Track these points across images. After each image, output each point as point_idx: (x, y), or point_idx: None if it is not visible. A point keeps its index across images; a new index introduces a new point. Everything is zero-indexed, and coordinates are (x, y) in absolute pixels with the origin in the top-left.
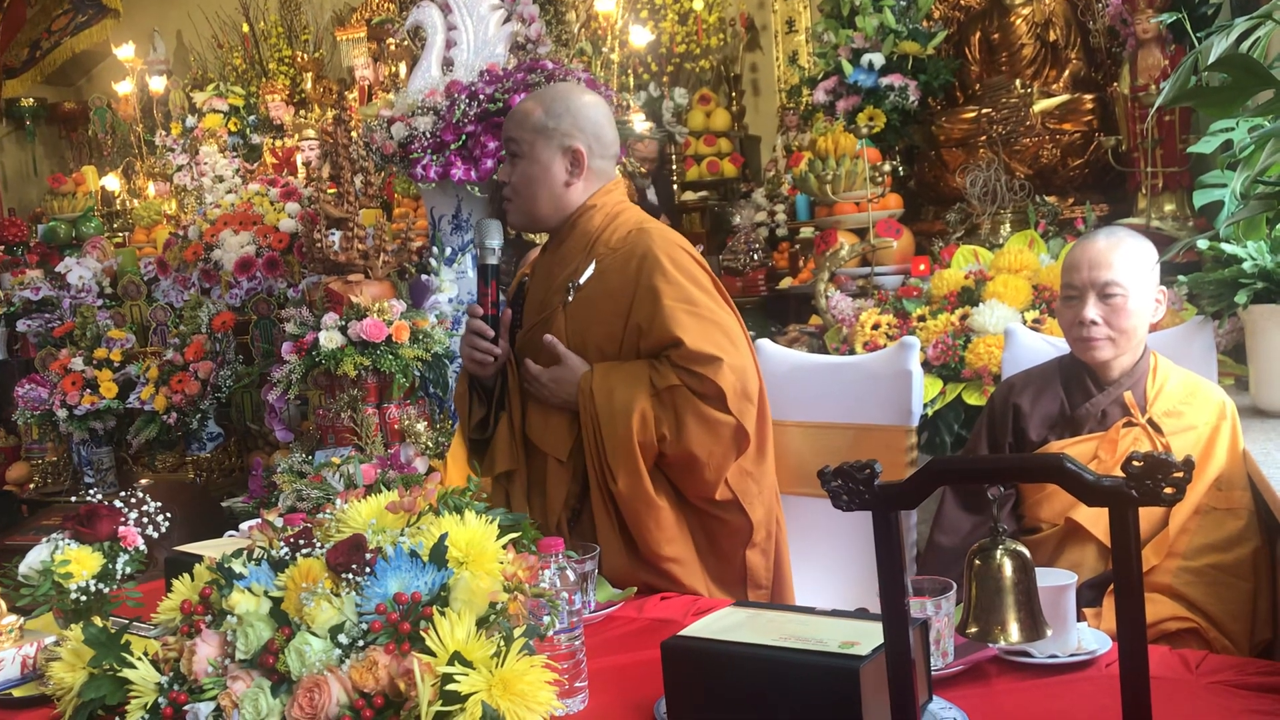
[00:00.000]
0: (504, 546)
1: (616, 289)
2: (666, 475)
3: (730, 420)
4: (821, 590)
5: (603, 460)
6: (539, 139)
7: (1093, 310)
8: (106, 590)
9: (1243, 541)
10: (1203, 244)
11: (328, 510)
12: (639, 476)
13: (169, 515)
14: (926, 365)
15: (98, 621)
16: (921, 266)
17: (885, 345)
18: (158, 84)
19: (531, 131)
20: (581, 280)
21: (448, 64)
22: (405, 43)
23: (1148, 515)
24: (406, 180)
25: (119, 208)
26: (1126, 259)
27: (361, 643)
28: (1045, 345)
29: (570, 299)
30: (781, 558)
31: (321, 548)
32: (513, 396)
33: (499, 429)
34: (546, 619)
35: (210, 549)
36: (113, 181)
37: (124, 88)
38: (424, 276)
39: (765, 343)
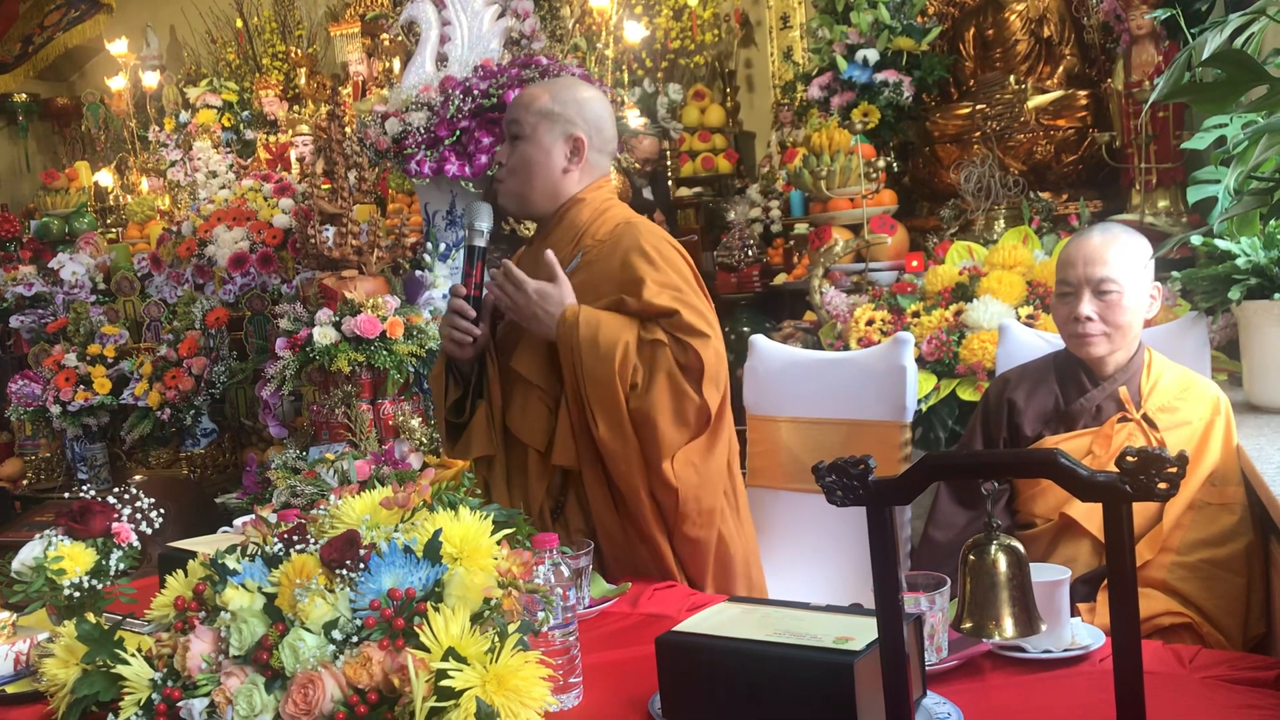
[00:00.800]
0: (498, 542)
1: (601, 279)
2: None
3: (695, 398)
4: (816, 586)
5: (581, 393)
6: (543, 122)
7: (1088, 306)
8: (100, 586)
9: (1236, 537)
10: (1196, 240)
11: (322, 506)
12: (619, 410)
13: (162, 511)
14: (920, 361)
15: (91, 618)
16: (915, 263)
17: (879, 341)
18: (151, 79)
19: (537, 114)
20: (568, 271)
21: (442, 59)
22: (399, 38)
23: (1142, 510)
24: (401, 176)
25: (112, 203)
26: (1121, 255)
27: (356, 639)
28: (1039, 341)
29: None
30: (730, 560)
31: (315, 544)
32: (493, 385)
33: (477, 414)
34: (541, 615)
35: (204, 545)
36: (106, 177)
37: (117, 83)
38: (418, 272)
39: (759, 338)
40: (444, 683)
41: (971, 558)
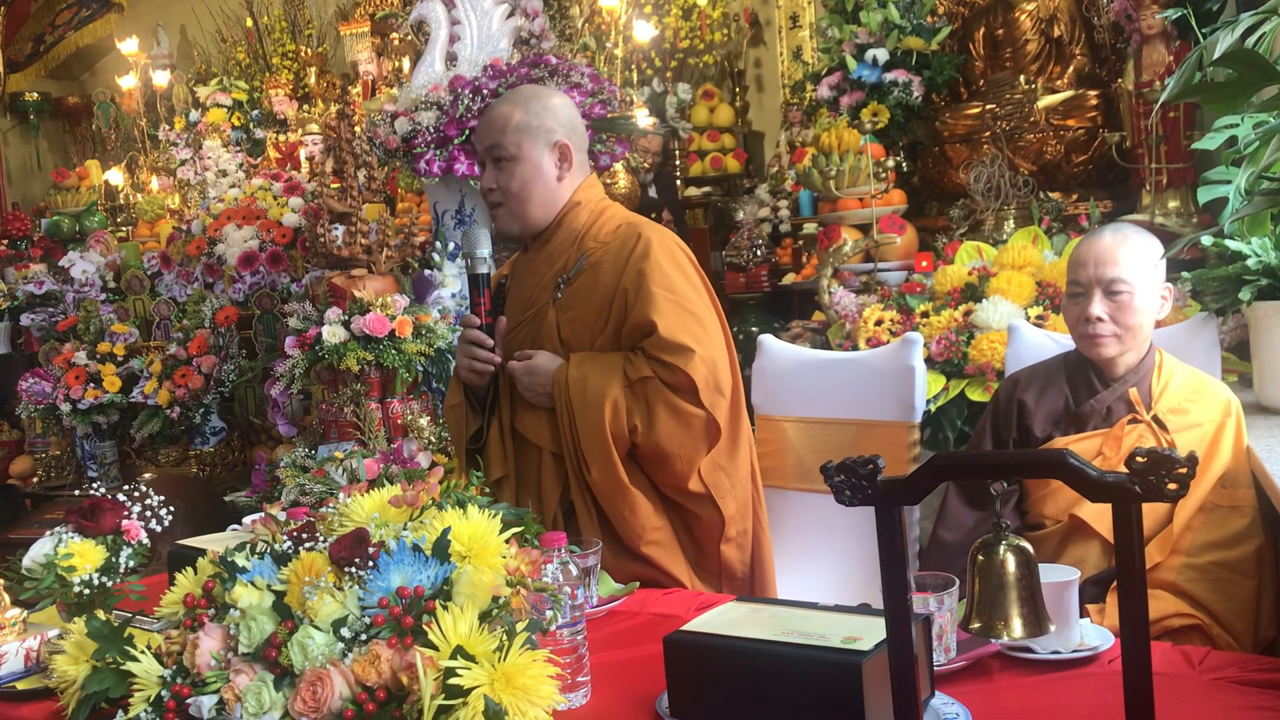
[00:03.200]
0: (507, 541)
1: (609, 278)
2: (640, 466)
3: (701, 413)
4: (824, 585)
5: (577, 449)
6: (525, 138)
7: (1098, 307)
8: (109, 584)
9: (1247, 539)
10: (1207, 240)
11: (330, 504)
12: (611, 464)
13: (172, 509)
14: (929, 361)
15: (101, 615)
16: (925, 263)
17: (888, 341)
18: (161, 78)
19: (516, 133)
20: (571, 275)
21: (451, 59)
22: (409, 37)
23: (1152, 512)
24: (410, 175)
25: (122, 202)
26: (1133, 256)
27: (364, 636)
28: (1048, 341)
29: (560, 295)
30: (762, 553)
31: (324, 542)
32: (503, 395)
33: (490, 436)
34: (549, 613)
35: (213, 543)
36: (116, 176)
37: (128, 82)
38: (427, 271)
39: (768, 338)
40: (452, 681)
41: (980, 558)
